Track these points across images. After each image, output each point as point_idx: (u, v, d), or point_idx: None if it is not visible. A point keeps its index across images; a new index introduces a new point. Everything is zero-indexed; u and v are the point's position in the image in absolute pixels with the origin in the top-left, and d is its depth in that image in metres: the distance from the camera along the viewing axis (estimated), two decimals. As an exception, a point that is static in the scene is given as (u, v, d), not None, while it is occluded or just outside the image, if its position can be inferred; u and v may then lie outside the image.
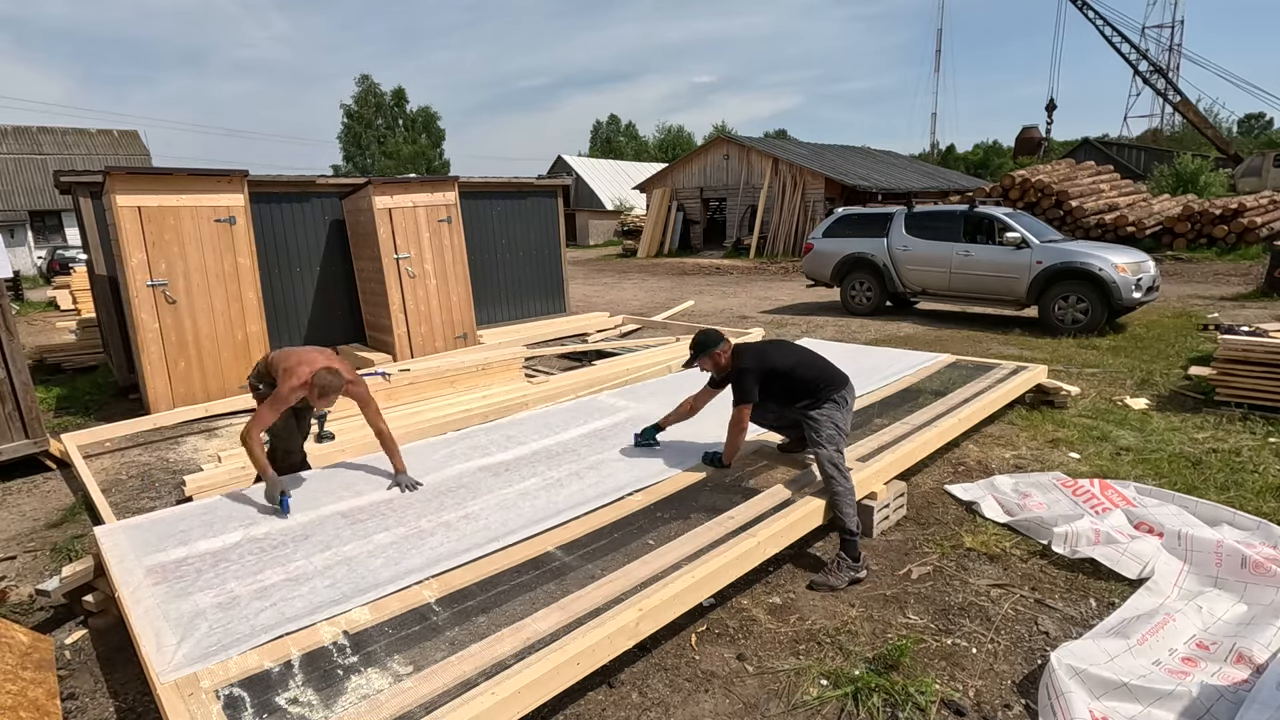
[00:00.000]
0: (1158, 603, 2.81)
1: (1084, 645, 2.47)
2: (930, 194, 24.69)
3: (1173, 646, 2.52)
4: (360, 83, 58.70)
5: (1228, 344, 5.36)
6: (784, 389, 3.50)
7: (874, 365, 5.71)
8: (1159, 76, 31.99)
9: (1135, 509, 3.50)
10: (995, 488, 3.98)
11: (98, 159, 29.36)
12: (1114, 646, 2.47)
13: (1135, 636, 2.52)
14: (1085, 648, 2.45)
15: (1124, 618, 2.71)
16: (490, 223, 9.84)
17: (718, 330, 3.67)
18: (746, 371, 3.46)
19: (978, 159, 61.43)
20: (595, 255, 27.48)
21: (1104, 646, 2.46)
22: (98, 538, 3.19)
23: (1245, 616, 2.70)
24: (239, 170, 6.57)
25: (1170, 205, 17.86)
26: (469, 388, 6.29)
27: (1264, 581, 2.83)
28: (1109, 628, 2.65)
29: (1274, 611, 2.65)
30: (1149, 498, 3.69)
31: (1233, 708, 2.10)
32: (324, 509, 3.48)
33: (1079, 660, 2.33)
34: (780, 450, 4.02)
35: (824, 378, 3.53)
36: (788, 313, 11.54)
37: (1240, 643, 2.47)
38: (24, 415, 4.99)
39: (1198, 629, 2.64)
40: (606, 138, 69.34)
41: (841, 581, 3.13)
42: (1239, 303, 10.23)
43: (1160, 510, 3.47)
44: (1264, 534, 3.23)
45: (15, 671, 2.41)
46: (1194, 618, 2.69)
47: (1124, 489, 3.76)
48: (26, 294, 19.82)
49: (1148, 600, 2.85)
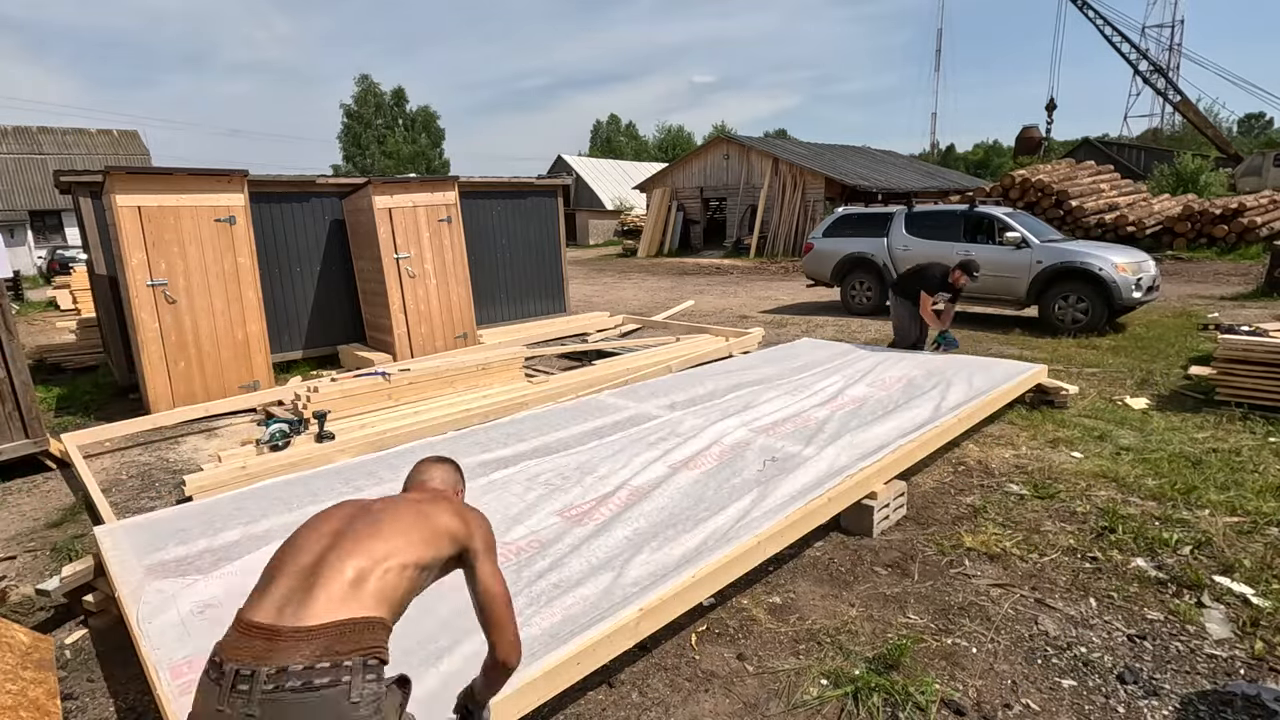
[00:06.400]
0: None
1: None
2: (930, 194, 24.68)
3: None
4: (360, 83, 58.69)
5: (1228, 344, 5.35)
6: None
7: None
8: (1159, 76, 31.97)
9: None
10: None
11: (98, 159, 29.34)
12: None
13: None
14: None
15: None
16: (490, 222, 9.85)
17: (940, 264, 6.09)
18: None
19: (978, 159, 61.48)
20: (595, 255, 27.47)
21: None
22: (98, 537, 3.20)
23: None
24: (239, 170, 6.57)
25: (1170, 205, 17.85)
26: (469, 388, 6.28)
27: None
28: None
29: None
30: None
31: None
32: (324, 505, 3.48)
33: None
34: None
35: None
36: (788, 312, 11.54)
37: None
38: (24, 415, 4.99)
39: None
40: (606, 137, 69.32)
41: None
42: (1239, 302, 10.22)
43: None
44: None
45: (15, 671, 2.41)
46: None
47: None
48: (26, 294, 19.82)
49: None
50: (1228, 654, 2.62)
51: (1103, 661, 2.60)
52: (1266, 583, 3.03)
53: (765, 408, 4.79)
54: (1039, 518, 3.75)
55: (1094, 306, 8.21)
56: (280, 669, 1.19)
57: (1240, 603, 2.92)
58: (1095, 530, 3.57)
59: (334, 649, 1.23)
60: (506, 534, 3.08)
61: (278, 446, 4.89)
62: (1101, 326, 8.28)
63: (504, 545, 2.99)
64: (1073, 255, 8.40)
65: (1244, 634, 2.73)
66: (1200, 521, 3.61)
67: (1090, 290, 8.23)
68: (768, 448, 4.02)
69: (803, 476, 3.57)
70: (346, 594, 1.30)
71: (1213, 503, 3.80)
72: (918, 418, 4.48)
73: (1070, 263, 8.35)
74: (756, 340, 8.16)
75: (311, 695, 1.18)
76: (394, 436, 5.10)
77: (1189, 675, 2.52)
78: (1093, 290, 8.20)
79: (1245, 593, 2.98)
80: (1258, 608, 2.87)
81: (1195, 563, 3.23)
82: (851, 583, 3.20)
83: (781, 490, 3.43)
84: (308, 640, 1.22)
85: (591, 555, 2.90)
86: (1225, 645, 2.68)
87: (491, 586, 1.54)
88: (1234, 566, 3.17)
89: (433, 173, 53.12)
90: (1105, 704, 2.38)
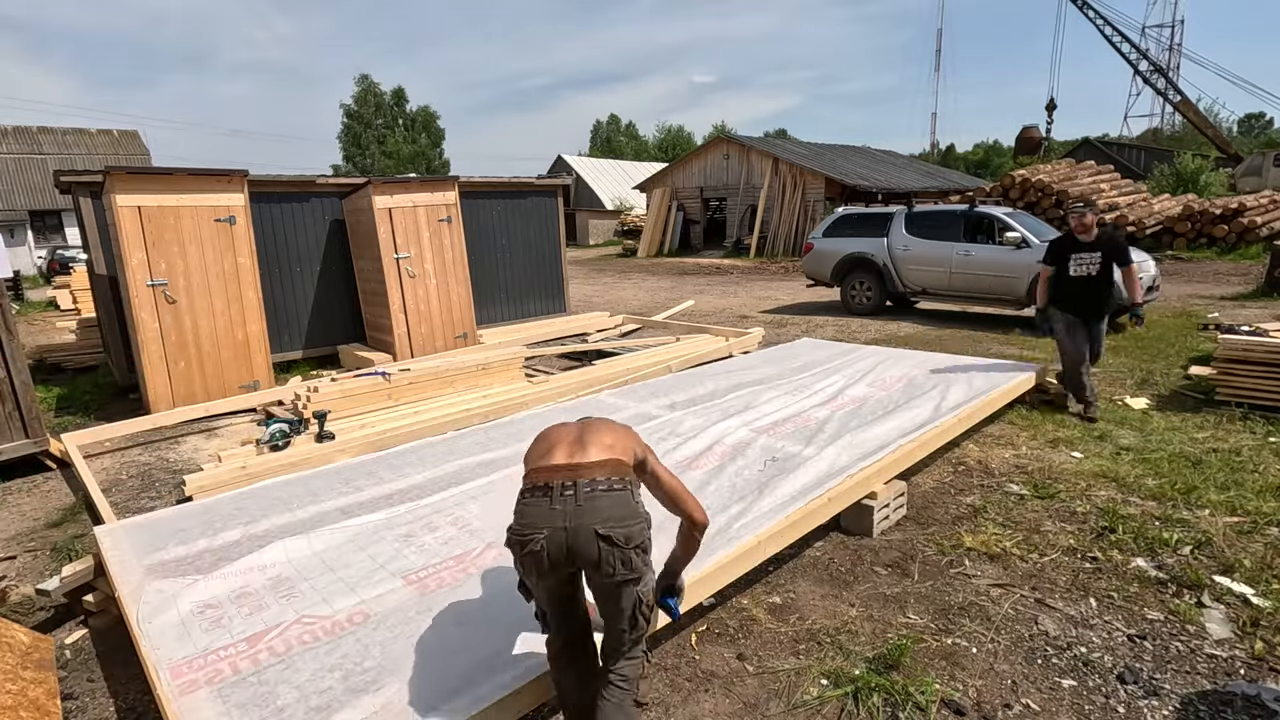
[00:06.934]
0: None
1: None
2: (930, 194, 24.68)
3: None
4: (360, 83, 58.71)
5: (1228, 343, 5.35)
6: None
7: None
8: (1159, 76, 31.97)
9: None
10: None
11: (98, 159, 29.35)
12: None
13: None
14: None
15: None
16: (490, 222, 9.85)
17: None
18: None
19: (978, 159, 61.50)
20: (595, 255, 27.47)
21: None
22: (98, 537, 3.20)
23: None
24: (239, 170, 6.57)
25: (1170, 205, 17.85)
26: (469, 388, 6.28)
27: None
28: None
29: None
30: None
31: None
32: (324, 505, 3.48)
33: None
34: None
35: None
36: (788, 312, 11.54)
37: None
38: (24, 415, 4.99)
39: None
40: (606, 137, 69.33)
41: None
42: (1239, 302, 10.22)
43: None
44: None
45: (15, 671, 2.41)
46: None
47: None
48: (26, 294, 19.83)
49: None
50: (1228, 654, 2.62)
51: (1103, 661, 2.60)
52: (1266, 583, 3.03)
53: (765, 408, 4.79)
54: (1039, 518, 3.75)
55: (1094, 306, 8.19)
56: (590, 480, 1.92)
57: (1240, 603, 2.92)
58: (1095, 530, 3.57)
59: (615, 473, 1.96)
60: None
61: (278, 446, 4.89)
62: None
63: (504, 544, 2.98)
64: (1073, 255, 8.39)
65: (1244, 634, 2.73)
66: (1200, 521, 3.60)
67: (1090, 290, 8.21)
68: (768, 448, 4.02)
69: (803, 476, 3.57)
70: (606, 449, 2.01)
71: (1213, 503, 3.80)
72: (918, 418, 4.48)
73: (1070, 263, 8.33)
74: (756, 340, 8.16)
75: (613, 493, 1.92)
76: (394, 436, 5.10)
77: (1189, 675, 2.52)
78: (1093, 290, 8.19)
79: (1245, 593, 2.98)
80: (1258, 608, 2.87)
81: (1195, 563, 3.23)
82: (851, 583, 3.19)
83: (782, 490, 3.42)
84: (598, 468, 1.95)
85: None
86: (1225, 645, 2.67)
87: (668, 479, 2.15)
88: (1234, 566, 3.17)
89: (433, 173, 53.14)
90: (1105, 704, 2.38)
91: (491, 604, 2.55)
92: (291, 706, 2.05)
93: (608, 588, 1.93)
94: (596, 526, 1.85)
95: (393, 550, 2.99)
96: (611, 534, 1.86)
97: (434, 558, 2.91)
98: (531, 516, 1.91)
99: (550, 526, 1.87)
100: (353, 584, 2.72)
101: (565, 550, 1.86)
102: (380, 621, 2.47)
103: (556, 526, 1.86)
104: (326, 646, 2.34)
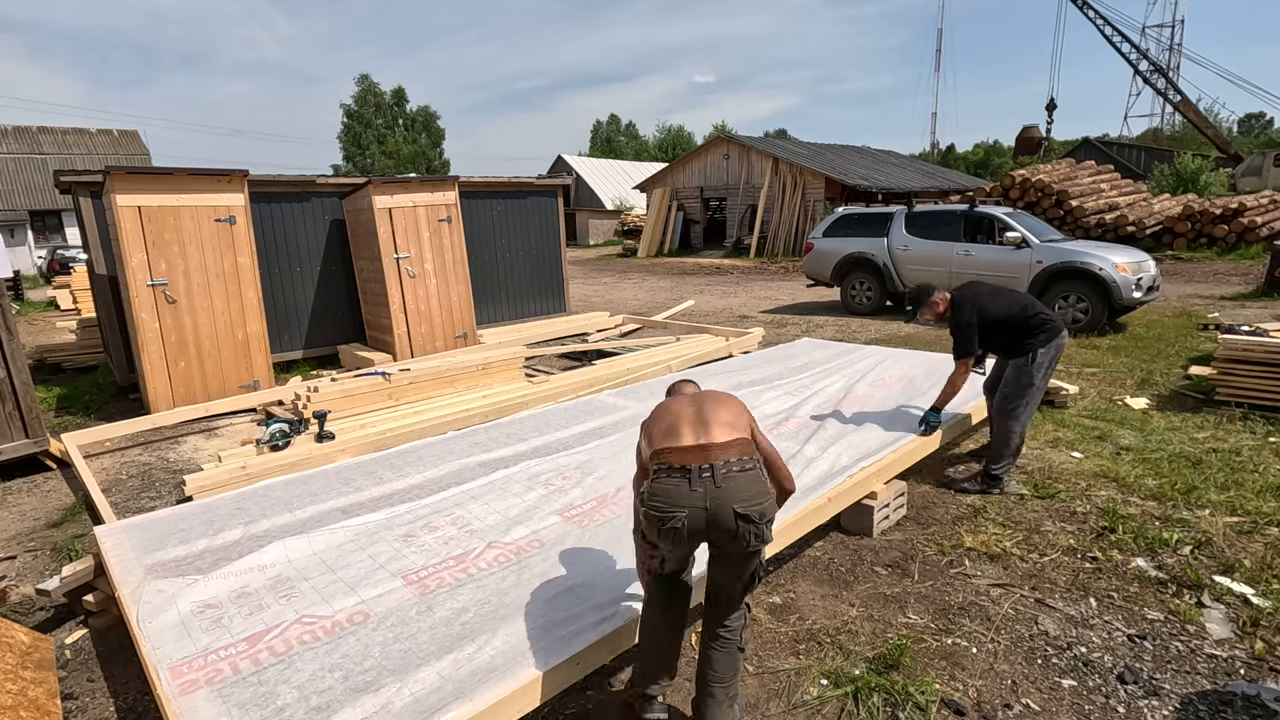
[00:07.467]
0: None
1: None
2: (930, 194, 24.67)
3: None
4: (360, 83, 58.76)
5: (1228, 343, 5.35)
6: (1004, 340, 3.90)
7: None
8: (1159, 76, 31.95)
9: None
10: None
11: (98, 159, 29.37)
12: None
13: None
14: None
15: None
16: (490, 223, 9.84)
17: (930, 284, 4.12)
18: (968, 326, 3.84)
19: (978, 159, 61.47)
20: (595, 255, 27.47)
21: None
22: (98, 537, 3.20)
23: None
24: (239, 170, 6.57)
25: (1170, 205, 17.85)
26: (469, 388, 6.28)
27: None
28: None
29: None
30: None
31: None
32: (324, 504, 3.48)
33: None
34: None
35: (1046, 326, 3.85)
36: (788, 312, 11.54)
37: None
38: (24, 415, 4.99)
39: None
40: (606, 137, 69.34)
41: (973, 487, 3.94)
42: (1239, 302, 10.22)
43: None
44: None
45: (15, 671, 2.41)
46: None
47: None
48: (27, 294, 19.82)
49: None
50: (1228, 654, 2.62)
51: (1103, 661, 2.60)
52: (1266, 583, 3.03)
53: (766, 408, 4.78)
54: (1039, 518, 3.75)
55: (1094, 306, 8.21)
56: (725, 461, 2.03)
57: (1240, 603, 2.92)
58: (1095, 530, 3.57)
59: (744, 453, 2.08)
60: (507, 534, 3.08)
61: (278, 446, 4.89)
62: (1101, 326, 8.29)
63: (504, 545, 2.99)
64: (1073, 255, 8.40)
65: (1244, 634, 2.73)
66: (1200, 521, 3.61)
67: (1090, 290, 8.23)
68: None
69: (803, 476, 3.56)
70: (729, 428, 2.13)
71: (1213, 503, 3.80)
72: (918, 417, 4.48)
73: (1070, 262, 8.35)
74: (756, 340, 8.16)
75: (746, 473, 2.04)
76: (394, 436, 5.10)
77: (1189, 675, 2.52)
78: (1093, 290, 8.21)
79: (1245, 593, 2.98)
80: (1258, 608, 2.87)
81: (1195, 563, 3.23)
82: (851, 583, 3.20)
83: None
84: (729, 449, 2.06)
85: (592, 556, 2.89)
86: (1225, 645, 2.67)
87: (767, 448, 2.25)
88: (1234, 566, 3.17)
89: (433, 173, 53.07)
90: (1105, 704, 2.38)
91: (492, 604, 2.55)
92: (291, 706, 2.05)
93: (738, 556, 2.10)
94: (735, 506, 1.99)
95: (393, 550, 2.99)
96: (749, 512, 2.00)
97: (434, 558, 2.91)
98: (673, 496, 2.02)
99: (691, 507, 2.00)
100: (353, 584, 2.72)
101: (705, 526, 2.01)
102: (380, 621, 2.47)
103: (697, 507, 2.00)
104: (326, 646, 2.33)
